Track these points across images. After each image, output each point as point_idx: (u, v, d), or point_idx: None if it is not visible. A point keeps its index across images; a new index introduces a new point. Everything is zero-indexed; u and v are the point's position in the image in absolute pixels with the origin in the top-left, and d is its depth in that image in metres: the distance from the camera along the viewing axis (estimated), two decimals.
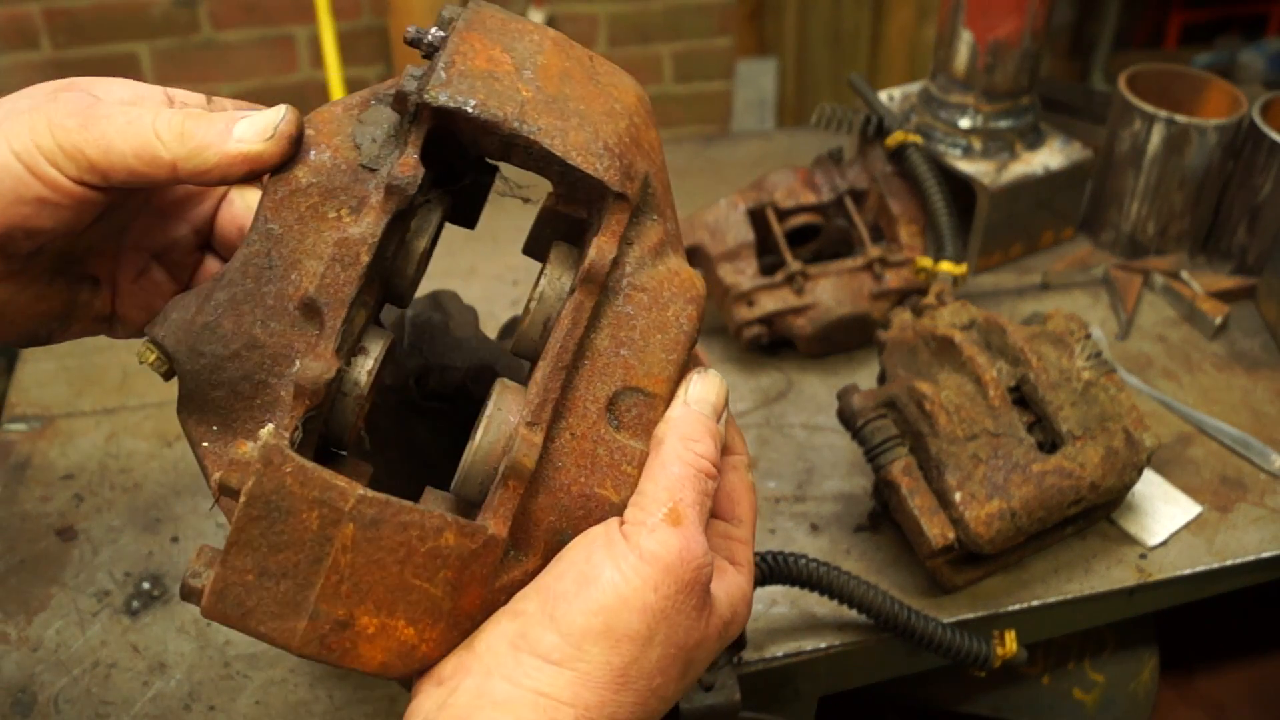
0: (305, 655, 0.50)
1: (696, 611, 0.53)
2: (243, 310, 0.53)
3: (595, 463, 0.55)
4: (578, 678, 0.50)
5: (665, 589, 0.52)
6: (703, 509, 0.55)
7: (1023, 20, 1.20)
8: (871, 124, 1.24)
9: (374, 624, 0.50)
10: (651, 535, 0.52)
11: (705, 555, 0.54)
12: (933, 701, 1.17)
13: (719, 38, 2.81)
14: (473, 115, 0.53)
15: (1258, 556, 0.98)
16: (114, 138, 0.51)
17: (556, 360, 0.53)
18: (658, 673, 0.52)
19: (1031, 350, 0.93)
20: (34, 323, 0.59)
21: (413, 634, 0.51)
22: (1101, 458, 0.90)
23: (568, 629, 0.51)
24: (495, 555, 0.52)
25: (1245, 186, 1.26)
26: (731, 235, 1.15)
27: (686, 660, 0.54)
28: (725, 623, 0.56)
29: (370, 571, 0.50)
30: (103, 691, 0.87)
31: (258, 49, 2.56)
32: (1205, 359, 1.20)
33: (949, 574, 0.92)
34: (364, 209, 0.54)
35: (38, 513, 1.01)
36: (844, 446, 1.08)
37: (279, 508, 0.49)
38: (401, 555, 0.50)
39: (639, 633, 0.51)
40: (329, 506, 0.49)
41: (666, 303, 0.57)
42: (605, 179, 0.54)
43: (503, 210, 0.67)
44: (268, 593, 0.49)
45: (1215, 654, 1.30)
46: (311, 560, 0.49)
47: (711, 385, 0.58)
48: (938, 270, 1.13)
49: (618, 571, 0.51)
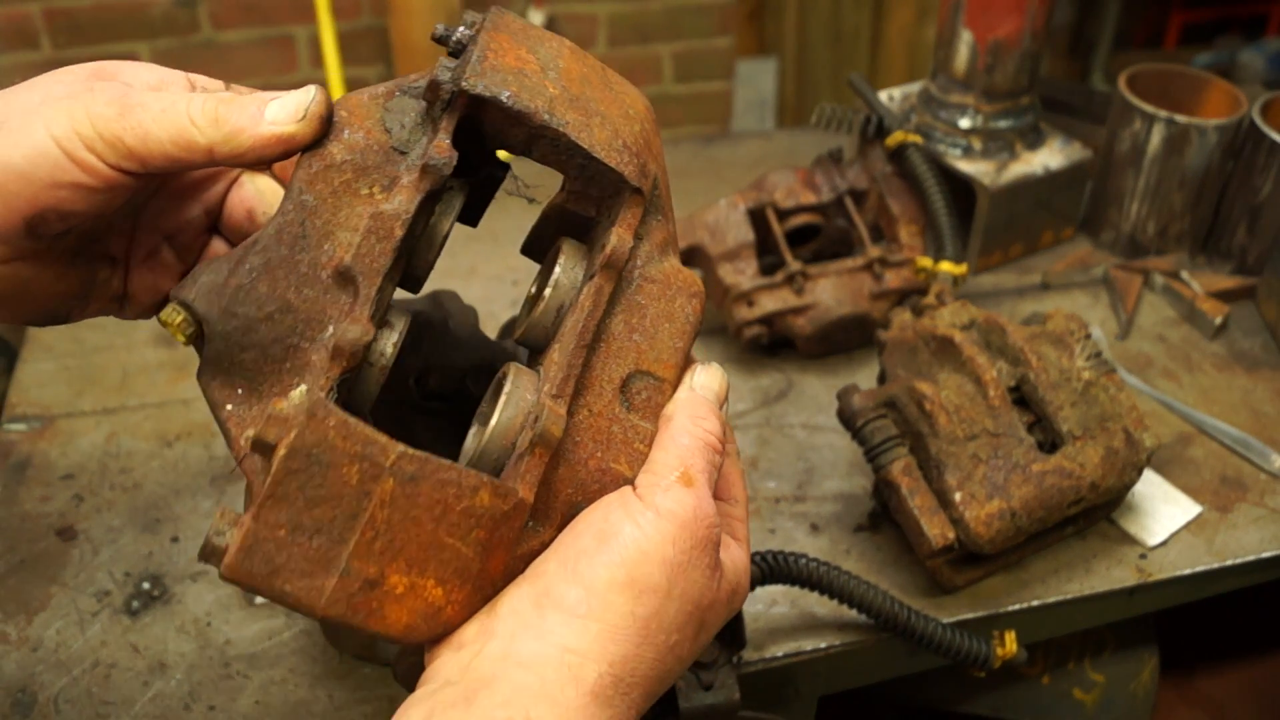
0: (328, 617, 0.50)
1: (710, 570, 0.55)
2: (277, 275, 0.54)
3: (610, 439, 0.57)
4: (604, 630, 0.51)
5: (682, 543, 0.54)
6: (711, 477, 0.57)
7: (1023, 20, 1.20)
8: (871, 124, 1.24)
9: (404, 583, 0.50)
10: (667, 494, 0.55)
11: (715, 517, 0.56)
12: (933, 701, 1.17)
13: (719, 38, 2.80)
14: (507, 104, 0.55)
15: (1258, 556, 0.98)
16: (150, 126, 0.52)
17: (579, 338, 0.56)
18: (675, 629, 0.54)
19: (1031, 350, 0.93)
20: (55, 301, 0.60)
21: (440, 595, 0.51)
22: (1101, 458, 0.90)
23: (591, 582, 0.52)
24: (522, 519, 0.53)
25: (1245, 186, 1.26)
26: (731, 235, 1.15)
27: (700, 620, 0.56)
28: (732, 590, 0.58)
29: (406, 528, 0.50)
30: (103, 691, 0.87)
31: (258, 49, 2.56)
32: (1205, 359, 1.20)
33: (949, 574, 0.92)
34: (396, 188, 0.56)
35: (38, 513, 1.01)
36: (844, 446, 1.08)
37: (320, 460, 0.48)
38: (437, 513, 0.50)
39: (660, 585, 0.53)
40: (370, 461, 0.49)
41: (674, 295, 0.60)
42: (626, 173, 0.57)
43: (503, 211, 0.67)
44: (299, 549, 0.49)
45: (1215, 654, 1.30)
46: (348, 516, 0.49)
47: (715, 375, 0.62)
48: (938, 270, 1.13)
49: (637, 527, 0.53)
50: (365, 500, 0.49)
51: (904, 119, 1.30)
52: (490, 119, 0.57)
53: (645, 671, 0.53)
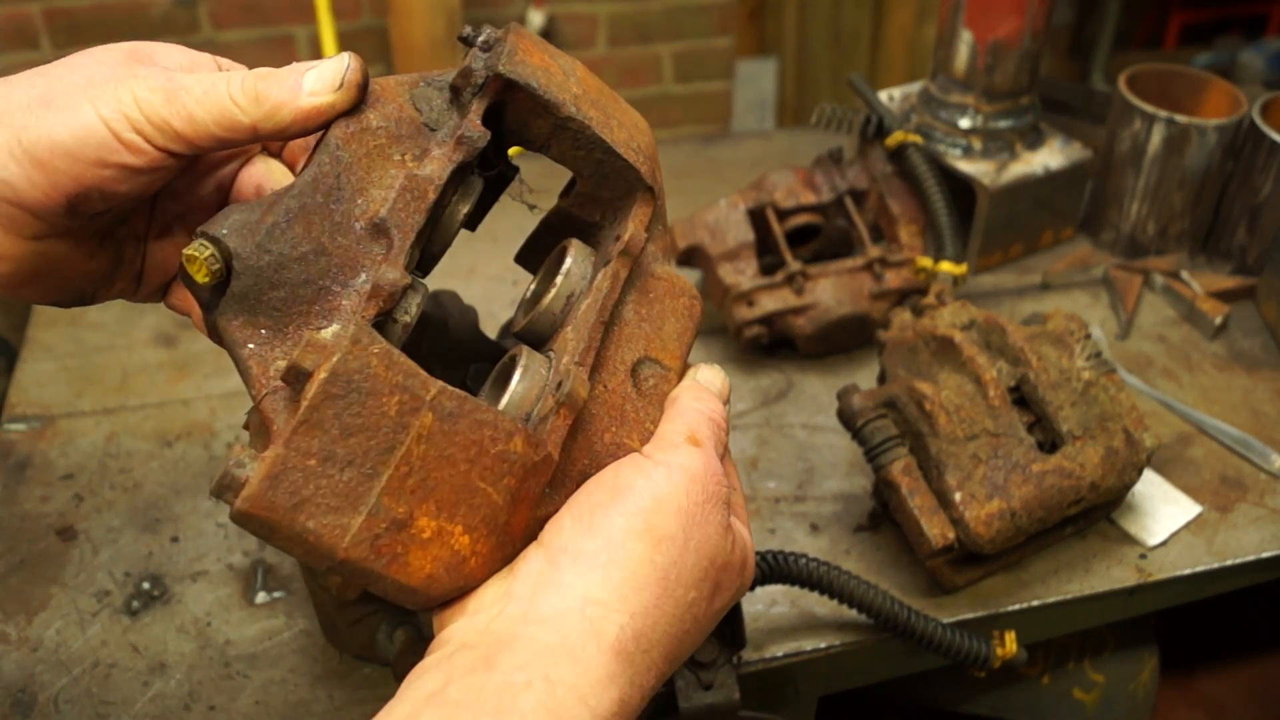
0: (349, 560, 0.48)
1: (723, 526, 0.56)
2: (312, 219, 0.54)
3: (624, 416, 0.58)
4: (626, 578, 0.51)
5: (694, 495, 0.55)
6: (717, 444, 0.59)
7: (1023, 20, 1.20)
8: (871, 124, 1.24)
9: (432, 527, 0.49)
10: (676, 451, 0.56)
11: (723, 475, 0.57)
12: (933, 701, 1.17)
13: (719, 38, 2.80)
14: (538, 92, 0.57)
15: (1258, 556, 0.98)
16: (195, 109, 0.53)
17: (599, 314, 0.57)
18: (693, 584, 0.54)
19: (1031, 350, 0.93)
20: (83, 281, 0.60)
21: (467, 543, 0.50)
22: (1101, 458, 0.90)
23: (609, 533, 0.52)
24: (548, 475, 0.53)
25: (1245, 186, 1.26)
26: (731, 235, 1.15)
27: (715, 580, 0.55)
28: (743, 560, 0.58)
29: (440, 467, 0.49)
30: (103, 691, 0.87)
31: (258, 49, 2.56)
32: (1205, 359, 1.20)
33: (949, 574, 0.92)
34: (428, 157, 0.57)
35: (38, 513, 1.01)
36: (844, 446, 1.08)
37: (360, 388, 0.47)
38: (473, 454, 0.50)
39: (676, 534, 0.53)
40: (410, 394, 0.48)
41: (677, 294, 0.63)
42: (642, 171, 0.60)
43: (504, 212, 0.67)
44: (328, 482, 0.47)
45: (1215, 654, 1.30)
46: (384, 449, 0.48)
47: (717, 373, 0.64)
48: (938, 270, 1.13)
49: (649, 479, 0.54)
50: (402, 434, 0.48)
51: (904, 119, 1.30)
52: (516, 108, 0.59)
53: (665, 629, 0.52)
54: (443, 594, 0.51)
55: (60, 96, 0.52)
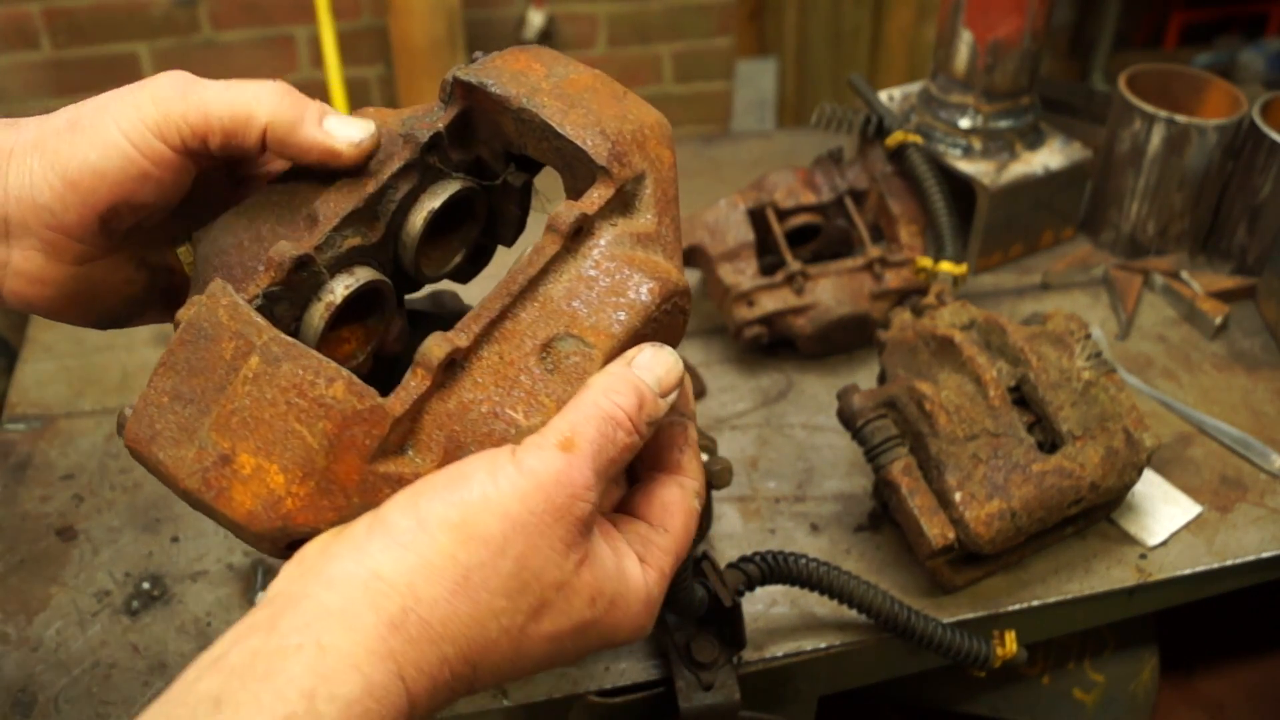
0: (188, 491, 0.53)
1: (563, 544, 0.51)
2: (263, 215, 0.59)
3: (514, 387, 0.56)
4: (419, 564, 0.49)
5: (532, 503, 0.50)
6: (602, 450, 0.53)
7: (1023, 20, 1.20)
8: (871, 124, 1.24)
9: (251, 464, 0.52)
10: (537, 454, 0.52)
11: (589, 491, 0.52)
12: (933, 701, 1.17)
13: (719, 38, 2.81)
14: (491, 88, 0.60)
15: (1258, 556, 0.98)
16: (211, 103, 0.56)
17: (504, 288, 0.57)
18: (503, 592, 0.50)
19: (1031, 350, 0.93)
20: (122, 303, 0.64)
21: (281, 483, 0.52)
22: (1101, 458, 0.90)
23: (424, 516, 0.50)
24: (380, 427, 0.52)
25: (1245, 186, 1.26)
26: (731, 235, 1.15)
27: (539, 597, 0.51)
28: (608, 601, 0.54)
29: (261, 408, 0.52)
30: (103, 691, 0.87)
31: (258, 49, 2.56)
32: (1205, 359, 1.20)
33: (949, 574, 0.92)
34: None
35: (38, 513, 1.01)
36: (844, 446, 1.08)
37: (206, 334, 0.53)
38: (292, 395, 0.52)
39: (492, 537, 0.50)
40: (244, 339, 0.53)
41: (631, 274, 0.58)
42: (590, 151, 0.59)
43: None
44: (174, 417, 0.53)
45: (1215, 654, 1.30)
46: (216, 388, 0.52)
47: (661, 359, 0.57)
48: (938, 270, 1.13)
49: (490, 478, 0.51)
50: (233, 375, 0.52)
51: (904, 119, 1.30)
52: (483, 112, 0.61)
53: (461, 630, 0.49)
54: (265, 531, 0.53)
55: (86, 118, 0.56)
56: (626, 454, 0.55)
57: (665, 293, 0.58)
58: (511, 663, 0.52)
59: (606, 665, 0.88)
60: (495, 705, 0.85)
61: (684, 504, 0.60)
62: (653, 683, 0.87)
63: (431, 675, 0.49)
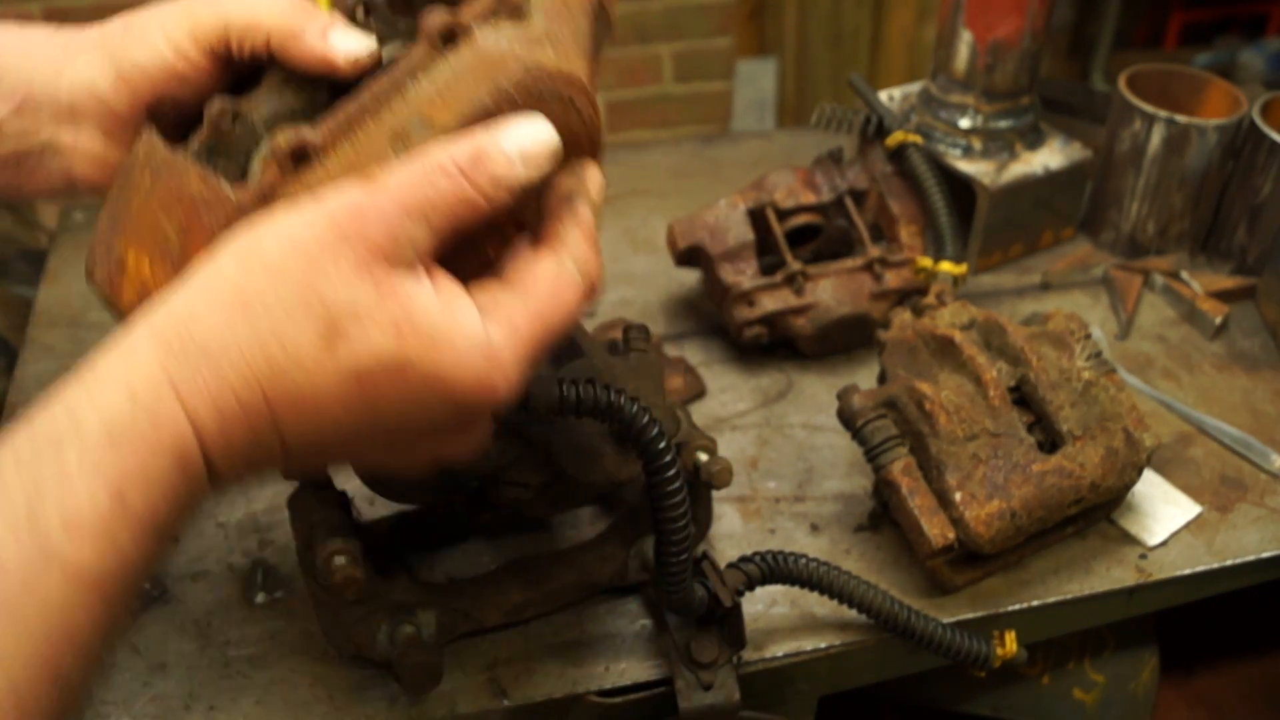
0: (108, 300, 0.58)
1: (351, 267, 0.49)
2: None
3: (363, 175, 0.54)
4: (199, 291, 0.50)
5: (317, 228, 0.50)
6: (417, 191, 0.51)
7: (1023, 20, 1.20)
8: (871, 124, 1.24)
9: (132, 260, 0.57)
10: (336, 191, 0.51)
11: (385, 223, 0.50)
12: (933, 701, 1.17)
13: (719, 38, 2.80)
14: None
15: (1258, 556, 0.98)
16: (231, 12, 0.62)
17: (365, 87, 0.56)
18: (283, 313, 0.49)
19: (1031, 350, 0.93)
20: None
21: (148, 271, 0.56)
22: (1101, 458, 0.90)
23: (217, 256, 0.52)
24: (226, 209, 0.55)
25: (1245, 186, 1.26)
26: (731, 235, 1.15)
27: (327, 320, 0.49)
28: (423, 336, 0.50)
29: (144, 212, 0.57)
30: (103, 691, 0.87)
31: None
32: (1205, 359, 1.20)
33: (949, 574, 0.92)
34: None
35: None
36: (844, 446, 1.08)
37: (129, 169, 0.59)
38: (161, 194, 0.56)
39: (272, 261, 0.49)
40: (150, 166, 0.58)
41: (501, 63, 0.55)
42: None
43: None
44: (103, 241, 0.59)
45: (1215, 654, 1.30)
46: (125, 205, 0.58)
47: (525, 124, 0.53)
48: (938, 270, 1.13)
49: (285, 214, 0.51)
50: (135, 192, 0.58)
51: (904, 119, 1.30)
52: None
53: (238, 350, 0.49)
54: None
55: (137, 24, 0.64)
56: (461, 208, 0.52)
57: (533, 76, 0.55)
58: (315, 403, 0.50)
59: (606, 665, 0.88)
60: (495, 706, 0.85)
61: (551, 271, 0.56)
62: (653, 683, 0.87)
63: (215, 402, 0.49)
